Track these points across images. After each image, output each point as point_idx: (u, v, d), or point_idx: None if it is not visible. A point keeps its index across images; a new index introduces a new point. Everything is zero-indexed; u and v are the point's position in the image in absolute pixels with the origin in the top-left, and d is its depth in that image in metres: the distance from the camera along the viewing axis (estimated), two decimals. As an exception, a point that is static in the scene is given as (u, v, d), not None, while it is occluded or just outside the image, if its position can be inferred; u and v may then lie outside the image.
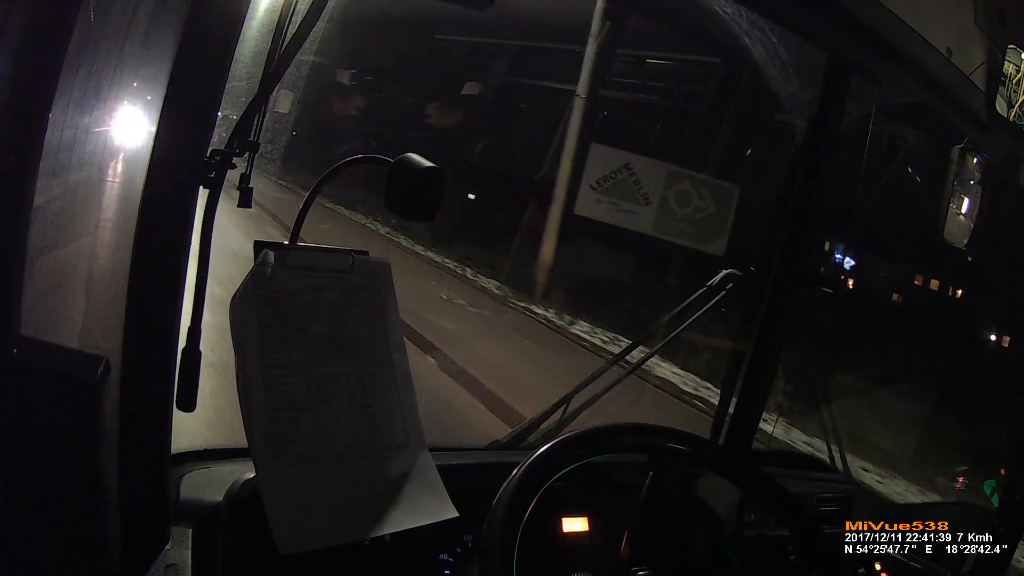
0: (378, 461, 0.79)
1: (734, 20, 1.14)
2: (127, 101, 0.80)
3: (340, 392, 0.78)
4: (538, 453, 0.82)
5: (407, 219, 0.84)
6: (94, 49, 0.72)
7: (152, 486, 0.71)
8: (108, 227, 0.79)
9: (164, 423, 0.70)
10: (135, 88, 0.79)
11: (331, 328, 0.79)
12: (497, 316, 6.39)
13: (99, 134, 0.84)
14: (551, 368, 4.80)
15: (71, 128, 0.70)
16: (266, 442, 0.72)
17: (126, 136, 0.82)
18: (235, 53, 0.66)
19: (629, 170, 5.03)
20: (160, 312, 0.67)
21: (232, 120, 0.73)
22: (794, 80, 1.29)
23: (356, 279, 0.82)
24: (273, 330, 0.74)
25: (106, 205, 0.83)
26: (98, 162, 0.84)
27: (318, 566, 0.74)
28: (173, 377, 0.70)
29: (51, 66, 0.54)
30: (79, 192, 0.84)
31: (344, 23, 8.44)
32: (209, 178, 0.67)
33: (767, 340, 1.31)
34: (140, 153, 0.66)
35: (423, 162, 0.78)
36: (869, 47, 1.10)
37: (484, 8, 0.83)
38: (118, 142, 0.84)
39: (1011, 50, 1.12)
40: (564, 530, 1.00)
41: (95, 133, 0.82)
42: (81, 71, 0.68)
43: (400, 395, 0.83)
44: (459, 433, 3.24)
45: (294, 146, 9.40)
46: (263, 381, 0.72)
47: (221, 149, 0.69)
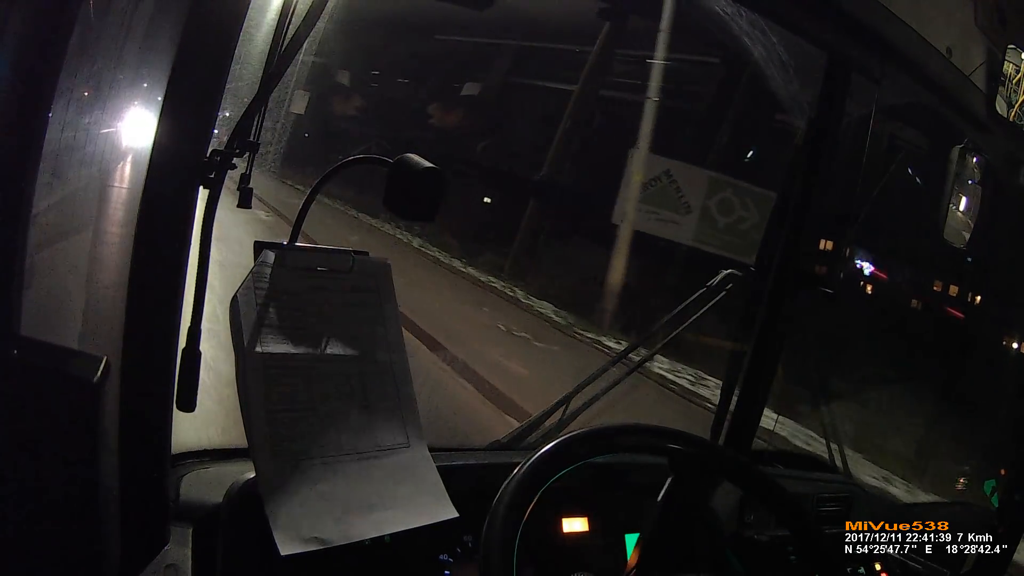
0: (378, 461, 0.79)
1: (734, 20, 1.14)
2: (127, 101, 0.81)
3: (340, 392, 0.78)
4: (539, 453, 0.82)
5: (406, 219, 0.84)
6: (94, 49, 0.72)
7: (152, 486, 0.71)
8: (108, 227, 0.80)
9: (164, 423, 0.70)
10: (135, 88, 0.79)
11: (331, 328, 0.79)
12: (570, 352, 5.46)
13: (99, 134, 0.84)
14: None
15: (71, 128, 0.70)
16: (266, 442, 0.71)
17: (126, 136, 0.82)
18: (235, 53, 0.66)
19: (669, 177, 4.81)
20: (160, 312, 0.67)
21: (233, 119, 0.73)
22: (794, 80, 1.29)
23: (356, 279, 0.82)
24: (273, 330, 0.74)
25: (106, 205, 0.83)
26: (98, 162, 0.84)
27: (318, 566, 0.74)
28: (173, 377, 0.70)
29: (51, 66, 0.54)
30: (79, 192, 0.85)
31: (369, 23, 8.35)
32: (209, 178, 0.67)
33: (767, 340, 1.31)
34: (140, 153, 0.66)
35: (422, 162, 0.78)
36: (869, 47, 1.10)
37: (484, 8, 0.83)
38: (118, 142, 0.84)
39: (1011, 50, 1.12)
40: (564, 530, 1.00)
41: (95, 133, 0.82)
42: (81, 71, 0.68)
43: (400, 395, 0.83)
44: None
45: (305, 147, 9.39)
46: (263, 381, 0.72)
47: (221, 149, 0.68)
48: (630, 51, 8.04)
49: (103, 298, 0.78)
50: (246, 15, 0.67)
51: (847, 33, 1.07)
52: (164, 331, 0.67)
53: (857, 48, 1.12)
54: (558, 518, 1.00)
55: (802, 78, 1.28)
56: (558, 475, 0.83)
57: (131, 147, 0.76)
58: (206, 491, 0.82)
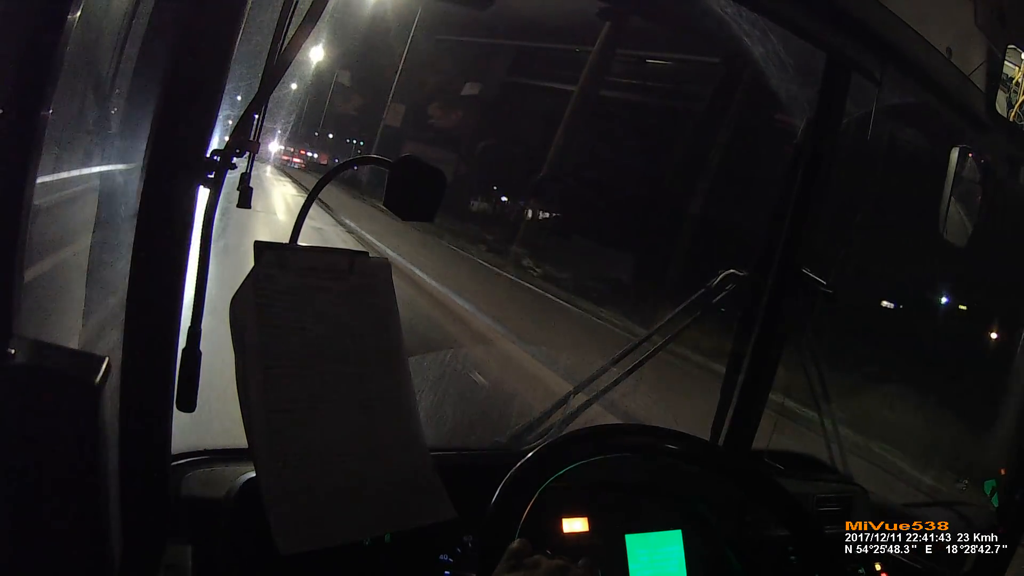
0: (378, 461, 0.79)
1: (734, 20, 1.14)
2: (127, 101, 0.81)
3: (340, 392, 0.78)
4: (537, 453, 0.82)
5: (407, 219, 0.84)
6: (94, 49, 0.72)
7: (152, 486, 0.71)
8: (108, 227, 0.80)
9: (164, 423, 0.70)
10: (135, 88, 0.79)
11: (331, 328, 0.79)
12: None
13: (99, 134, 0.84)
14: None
15: (71, 128, 0.70)
16: (266, 442, 0.71)
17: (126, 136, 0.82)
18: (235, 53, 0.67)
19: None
20: (160, 312, 0.67)
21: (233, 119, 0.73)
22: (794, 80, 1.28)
23: (356, 279, 0.82)
24: (273, 330, 0.74)
25: (106, 205, 0.83)
26: (98, 162, 0.84)
27: (318, 566, 0.74)
28: (173, 377, 0.70)
29: (51, 66, 0.54)
30: (79, 192, 0.85)
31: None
32: (209, 178, 0.67)
33: (767, 340, 1.31)
34: (140, 153, 0.66)
35: (424, 164, 0.78)
36: (869, 47, 1.10)
37: (484, 8, 0.83)
38: (118, 142, 0.84)
39: (1011, 50, 1.12)
40: (564, 530, 1.00)
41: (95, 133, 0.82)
42: (81, 71, 0.68)
43: (400, 395, 0.83)
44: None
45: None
46: (263, 381, 0.72)
47: (221, 149, 0.68)
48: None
49: (103, 298, 0.78)
50: (246, 15, 0.67)
51: (847, 33, 1.07)
52: (164, 331, 0.67)
53: (857, 48, 1.12)
54: (558, 518, 1.00)
55: (802, 78, 1.27)
56: (557, 475, 0.83)
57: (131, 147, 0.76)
58: (206, 491, 0.82)
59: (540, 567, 0.67)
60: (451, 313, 5.75)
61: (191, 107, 0.65)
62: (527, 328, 5.99)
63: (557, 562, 0.68)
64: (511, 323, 5.70)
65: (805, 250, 1.29)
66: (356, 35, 8.92)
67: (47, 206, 0.66)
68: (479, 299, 6.38)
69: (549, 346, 4.86)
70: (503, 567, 0.68)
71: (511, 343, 5.11)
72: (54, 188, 0.69)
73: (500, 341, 5.15)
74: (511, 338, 5.21)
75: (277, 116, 8.52)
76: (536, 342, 5.06)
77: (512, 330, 5.45)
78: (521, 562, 0.69)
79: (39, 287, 0.67)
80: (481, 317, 5.73)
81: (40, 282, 0.67)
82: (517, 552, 0.70)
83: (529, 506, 0.78)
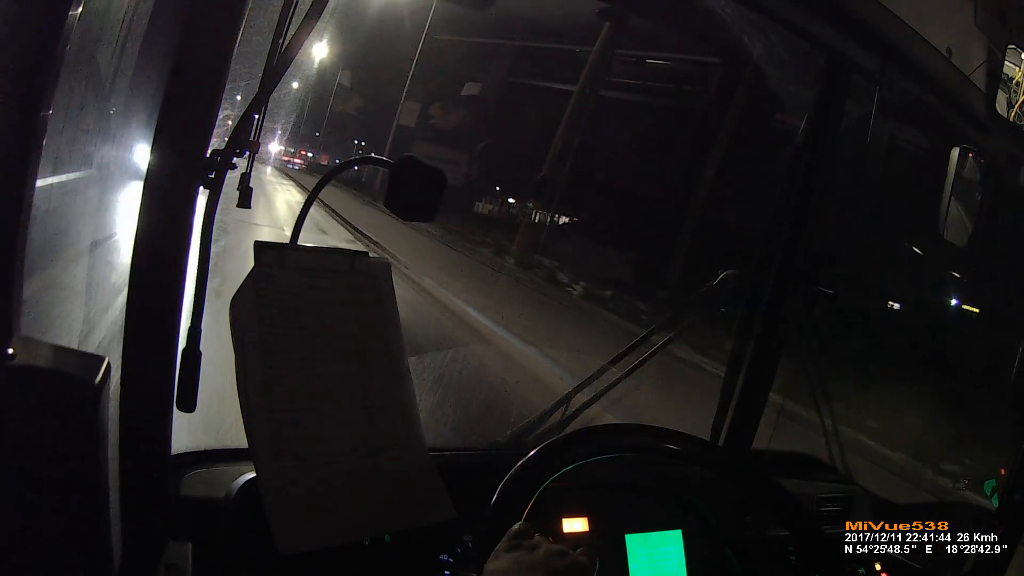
0: (378, 461, 0.79)
1: (734, 20, 1.14)
2: (127, 101, 0.81)
3: (340, 392, 0.78)
4: (537, 453, 0.82)
5: (407, 219, 0.84)
6: (94, 49, 0.72)
7: (152, 486, 0.71)
8: (108, 227, 0.80)
9: (164, 423, 0.70)
10: (135, 88, 0.79)
11: (331, 328, 0.79)
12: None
13: (99, 134, 0.84)
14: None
15: (71, 128, 0.70)
16: (266, 442, 0.71)
17: (126, 136, 0.82)
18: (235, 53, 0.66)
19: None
20: (160, 312, 0.67)
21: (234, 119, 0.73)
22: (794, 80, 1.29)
23: (356, 279, 0.82)
24: (273, 330, 0.74)
25: (106, 205, 0.83)
26: (98, 162, 0.84)
27: (318, 566, 0.74)
28: (173, 377, 0.70)
29: (51, 66, 0.54)
30: (79, 192, 0.85)
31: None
32: (209, 178, 0.67)
33: (767, 340, 1.31)
34: (140, 153, 0.66)
35: (424, 164, 0.78)
36: (869, 47, 1.10)
37: (484, 8, 0.83)
38: (118, 142, 0.84)
39: (1011, 50, 1.12)
40: (564, 530, 1.00)
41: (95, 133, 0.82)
42: (81, 71, 0.68)
43: (400, 395, 0.83)
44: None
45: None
46: (263, 381, 0.72)
47: (221, 149, 0.68)
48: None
49: (104, 299, 0.78)
50: (246, 15, 0.67)
51: (847, 33, 1.07)
52: (164, 332, 0.67)
53: (857, 48, 1.12)
54: (558, 518, 1.00)
55: (802, 78, 1.27)
56: (557, 475, 0.83)
57: (131, 147, 0.76)
58: (206, 491, 0.82)
59: (540, 548, 0.67)
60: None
61: (191, 107, 0.65)
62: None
63: (558, 547, 0.68)
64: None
65: (805, 250, 1.29)
66: (357, 36, 8.94)
67: (47, 206, 0.66)
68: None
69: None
70: (503, 546, 0.68)
71: (511, 343, 5.02)
72: (54, 188, 0.69)
73: (500, 341, 5.07)
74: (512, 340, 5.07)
75: (278, 116, 8.50)
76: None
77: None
78: (522, 543, 0.68)
79: (39, 287, 0.67)
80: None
81: (40, 282, 0.67)
82: (519, 533, 0.70)
83: (529, 506, 0.78)
